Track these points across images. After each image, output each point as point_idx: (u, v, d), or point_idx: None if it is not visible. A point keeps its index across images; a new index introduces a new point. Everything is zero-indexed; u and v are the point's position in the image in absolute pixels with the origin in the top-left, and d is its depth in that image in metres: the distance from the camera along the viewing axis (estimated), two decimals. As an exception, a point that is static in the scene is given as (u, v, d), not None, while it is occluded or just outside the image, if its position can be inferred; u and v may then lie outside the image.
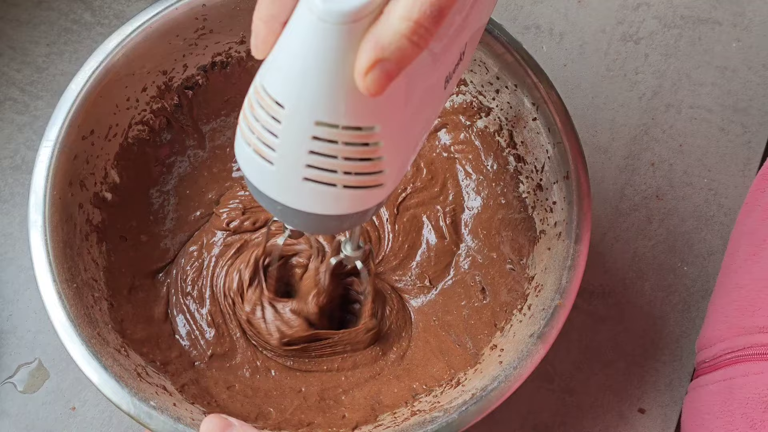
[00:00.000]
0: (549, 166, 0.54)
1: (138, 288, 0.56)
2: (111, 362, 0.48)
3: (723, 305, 0.56)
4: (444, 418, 0.48)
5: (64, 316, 0.48)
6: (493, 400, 0.48)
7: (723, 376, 0.53)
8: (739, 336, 0.53)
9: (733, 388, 0.52)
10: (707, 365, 0.55)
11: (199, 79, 0.59)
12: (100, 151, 0.55)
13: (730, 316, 0.54)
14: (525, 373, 0.49)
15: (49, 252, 0.49)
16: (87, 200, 0.54)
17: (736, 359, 0.52)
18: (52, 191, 0.50)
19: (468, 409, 0.48)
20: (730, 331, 0.54)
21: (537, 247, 0.55)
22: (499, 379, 0.49)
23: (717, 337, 0.55)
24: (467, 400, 0.48)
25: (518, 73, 0.55)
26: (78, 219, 0.52)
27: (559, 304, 0.50)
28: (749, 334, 0.52)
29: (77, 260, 0.51)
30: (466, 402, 0.48)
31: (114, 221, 0.56)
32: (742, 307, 0.53)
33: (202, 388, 0.54)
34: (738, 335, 0.53)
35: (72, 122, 0.52)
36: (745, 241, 0.56)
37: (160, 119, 0.58)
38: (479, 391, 0.49)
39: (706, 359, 0.56)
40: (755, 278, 0.53)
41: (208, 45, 0.57)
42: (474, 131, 0.60)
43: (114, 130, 0.55)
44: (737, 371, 0.52)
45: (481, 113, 0.59)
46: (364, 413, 0.54)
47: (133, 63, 0.54)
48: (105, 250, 0.55)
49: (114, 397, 0.47)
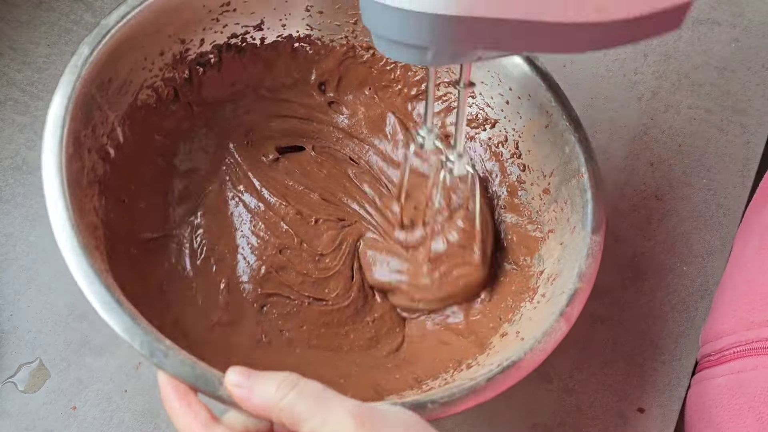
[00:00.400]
0: (560, 170, 0.55)
1: (134, 252, 0.55)
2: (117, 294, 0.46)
3: (732, 298, 0.56)
4: (469, 384, 0.46)
5: (77, 246, 0.45)
6: (522, 369, 0.46)
7: (731, 370, 0.53)
8: (748, 330, 0.53)
9: (742, 382, 0.52)
10: (713, 358, 0.55)
11: (211, 58, 0.59)
12: (113, 103, 0.54)
13: (738, 309, 0.54)
14: (549, 347, 0.47)
15: (63, 181, 0.47)
16: (95, 148, 0.53)
17: (745, 353, 0.52)
18: (71, 123, 0.49)
19: (495, 377, 0.46)
20: (738, 325, 0.54)
21: (544, 246, 0.55)
22: (525, 350, 0.47)
23: (725, 330, 0.55)
24: (493, 369, 0.47)
25: (528, 83, 0.55)
26: (86, 162, 0.51)
27: (579, 287, 0.50)
28: (758, 328, 0.52)
29: (84, 200, 0.50)
30: (492, 370, 0.46)
31: (114, 178, 0.55)
32: (752, 301, 0.53)
33: (197, 357, 0.53)
34: (747, 329, 0.53)
35: (95, 63, 0.51)
36: (755, 235, 0.56)
37: (169, 90, 0.58)
38: (505, 360, 0.47)
39: (711, 352, 0.56)
40: (765, 272, 0.53)
41: (227, 24, 0.58)
42: (477, 142, 0.60)
43: (127, 86, 0.55)
44: (746, 365, 0.52)
45: (486, 125, 0.59)
46: (369, 394, 0.53)
47: (160, 19, 0.54)
48: (104, 206, 0.53)
49: (126, 334, 0.44)
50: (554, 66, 0.68)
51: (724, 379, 0.53)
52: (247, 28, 0.59)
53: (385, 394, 0.53)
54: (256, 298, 0.57)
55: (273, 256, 0.58)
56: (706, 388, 0.55)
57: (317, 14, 0.59)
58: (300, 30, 0.60)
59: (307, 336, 0.57)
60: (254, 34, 0.60)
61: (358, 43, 0.61)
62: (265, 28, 0.60)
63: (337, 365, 0.56)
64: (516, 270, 0.57)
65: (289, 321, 0.57)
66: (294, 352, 0.56)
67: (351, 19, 0.60)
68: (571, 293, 0.49)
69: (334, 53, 0.61)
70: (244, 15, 0.58)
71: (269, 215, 0.59)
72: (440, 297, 0.57)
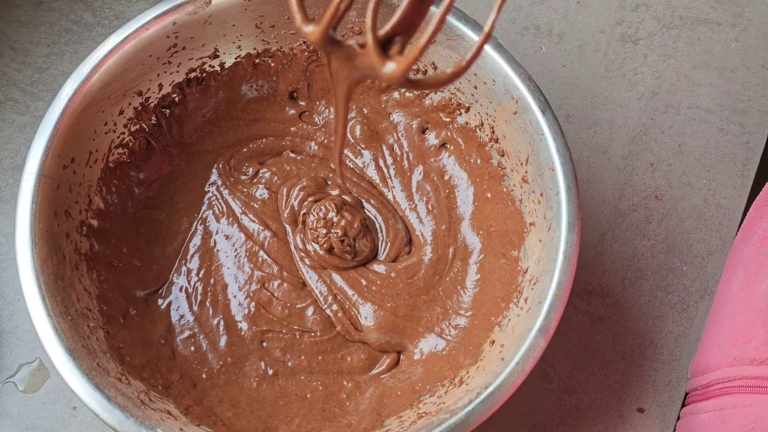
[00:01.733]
0: (533, 159, 0.54)
1: (133, 313, 0.57)
2: (114, 392, 0.48)
3: (717, 333, 0.56)
4: (452, 419, 0.48)
5: (63, 351, 0.48)
6: (499, 397, 0.48)
7: (714, 407, 0.53)
8: (731, 366, 0.53)
9: (724, 419, 0.52)
10: (699, 393, 0.55)
11: (175, 97, 0.59)
12: (82, 179, 0.55)
13: (723, 345, 0.54)
14: (528, 367, 0.49)
15: (41, 286, 0.49)
16: (73, 229, 0.54)
17: (727, 390, 0.52)
18: (38, 224, 0.50)
19: (474, 409, 0.48)
20: (722, 361, 0.54)
21: (528, 239, 0.55)
22: (504, 375, 0.49)
23: (710, 366, 0.55)
24: (473, 398, 0.49)
25: (495, 68, 0.55)
26: (66, 249, 0.52)
27: (555, 296, 0.50)
28: (740, 365, 0.52)
29: (69, 291, 0.51)
30: (471, 401, 0.48)
31: (103, 248, 0.56)
32: (735, 337, 0.53)
33: (206, 408, 0.54)
34: (730, 366, 0.53)
35: (52, 152, 0.52)
36: (741, 268, 0.56)
37: (140, 140, 0.59)
38: (483, 388, 0.49)
39: (698, 387, 0.56)
40: (749, 308, 0.53)
41: (181, 62, 0.58)
42: (455, 127, 0.60)
43: (94, 156, 0.55)
44: (727, 402, 0.52)
45: (461, 109, 0.59)
46: (371, 419, 0.54)
47: (107, 87, 0.54)
48: (96, 279, 0.55)
49: (120, 427, 0.47)
50: (554, 66, 0.68)
51: (707, 416, 0.53)
52: (203, 59, 0.59)
53: (385, 417, 0.54)
54: (253, 335, 0.58)
55: (258, 292, 0.59)
56: (692, 422, 0.55)
57: (269, 28, 0.59)
58: (257, 47, 0.60)
59: (307, 363, 0.57)
60: (212, 62, 0.59)
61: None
62: (221, 53, 0.59)
63: (342, 386, 0.57)
64: (506, 265, 0.57)
65: (288, 352, 0.57)
66: (299, 378, 0.57)
67: None
68: (548, 304, 0.50)
69: (296, 60, 0.61)
70: (195, 50, 0.58)
71: (249, 245, 0.59)
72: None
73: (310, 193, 0.60)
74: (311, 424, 0.54)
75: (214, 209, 0.60)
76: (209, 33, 0.57)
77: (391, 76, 0.36)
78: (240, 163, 0.62)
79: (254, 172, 0.62)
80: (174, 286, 0.58)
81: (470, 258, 0.59)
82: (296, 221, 0.60)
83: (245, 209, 0.60)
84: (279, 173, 0.62)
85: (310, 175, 0.62)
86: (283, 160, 0.62)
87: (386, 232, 0.60)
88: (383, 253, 0.60)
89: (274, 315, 0.58)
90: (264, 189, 0.61)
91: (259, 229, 0.60)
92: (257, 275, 0.59)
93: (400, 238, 0.60)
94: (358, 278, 0.59)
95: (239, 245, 0.60)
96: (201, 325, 0.57)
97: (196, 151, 0.61)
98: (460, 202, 0.61)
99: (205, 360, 0.56)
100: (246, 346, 0.57)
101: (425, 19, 0.38)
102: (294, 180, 0.61)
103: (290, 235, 0.60)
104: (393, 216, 0.61)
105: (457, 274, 0.59)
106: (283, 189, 0.61)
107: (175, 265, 0.59)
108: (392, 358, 0.58)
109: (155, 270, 0.59)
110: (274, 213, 0.61)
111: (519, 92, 0.54)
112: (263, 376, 0.56)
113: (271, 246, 0.59)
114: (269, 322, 0.58)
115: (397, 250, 0.60)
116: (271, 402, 0.56)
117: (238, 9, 0.57)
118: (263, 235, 0.60)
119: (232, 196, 0.61)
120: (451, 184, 0.61)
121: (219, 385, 0.56)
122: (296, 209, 0.60)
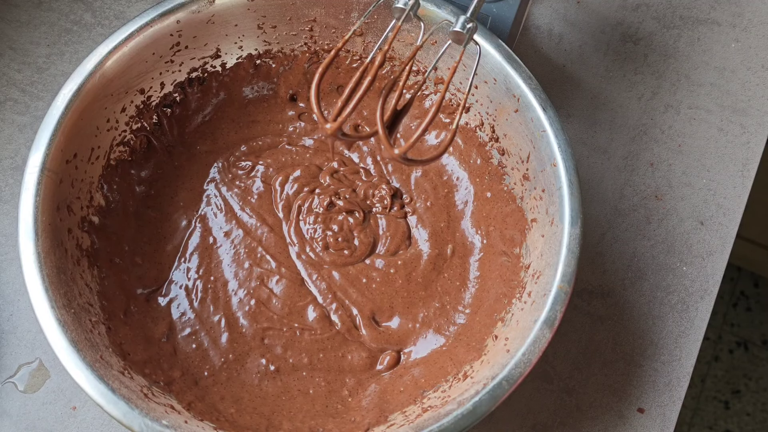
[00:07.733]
0: (534, 156, 0.54)
1: (134, 310, 0.57)
2: (117, 384, 0.48)
3: None
4: (459, 410, 0.48)
5: (66, 342, 0.48)
6: (507, 388, 0.48)
7: None
8: None
9: None
10: None
11: (177, 97, 0.59)
12: (84, 175, 0.55)
13: None
14: (534, 358, 0.49)
15: (44, 278, 0.49)
16: (75, 225, 0.54)
17: None
18: (41, 217, 0.50)
19: (482, 399, 0.48)
20: None
21: (530, 236, 0.55)
22: (510, 366, 0.48)
23: None
24: (480, 390, 0.48)
25: (495, 67, 0.55)
26: (68, 244, 0.53)
27: (560, 288, 0.50)
28: None
29: (71, 285, 0.51)
30: (479, 392, 0.48)
31: (104, 245, 0.56)
32: None
33: (209, 404, 0.54)
34: None
35: (55, 146, 0.52)
36: None
37: (141, 139, 0.59)
38: (490, 380, 0.48)
39: None
40: None
41: (184, 61, 0.58)
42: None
43: (96, 152, 0.56)
44: None
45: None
46: (374, 415, 0.54)
47: (110, 84, 0.55)
48: (97, 275, 0.55)
49: (125, 419, 0.47)
50: (553, 67, 0.68)
51: None
52: (204, 59, 0.59)
53: (389, 412, 0.53)
54: (254, 332, 0.58)
55: (258, 288, 0.58)
56: None
57: (271, 29, 0.59)
58: (258, 48, 0.60)
59: (308, 361, 0.57)
60: (213, 63, 0.59)
61: (319, 47, 0.61)
62: (223, 53, 0.60)
63: (344, 383, 0.57)
64: (508, 262, 0.57)
65: (289, 349, 0.57)
66: (300, 375, 0.57)
67: (306, 26, 0.59)
68: (552, 296, 0.50)
69: (297, 61, 0.61)
70: (198, 49, 0.58)
71: (248, 241, 0.59)
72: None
73: (304, 183, 0.61)
74: (315, 420, 0.54)
75: (213, 206, 0.61)
76: (212, 32, 0.57)
77: (393, 157, 0.48)
78: (238, 159, 0.62)
79: (251, 166, 0.62)
80: (174, 284, 0.59)
81: (470, 256, 0.59)
82: (290, 213, 0.60)
83: (243, 204, 0.60)
84: (274, 164, 0.62)
85: (304, 164, 0.62)
86: (278, 151, 0.62)
87: (387, 224, 0.60)
88: (383, 246, 0.60)
89: (274, 312, 0.58)
90: (260, 182, 0.61)
91: (256, 225, 0.60)
92: (256, 272, 0.59)
93: (401, 231, 0.60)
94: (358, 275, 0.59)
95: (238, 242, 0.60)
96: (202, 322, 0.57)
97: (196, 151, 0.61)
98: (459, 201, 0.61)
99: (206, 357, 0.56)
100: (247, 343, 0.57)
101: (402, 122, 0.50)
102: (288, 170, 0.61)
103: (285, 227, 0.60)
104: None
105: (457, 271, 0.59)
106: (277, 179, 0.61)
107: (175, 263, 0.59)
108: (392, 357, 0.58)
109: (156, 268, 0.59)
110: (270, 206, 0.61)
111: (520, 90, 0.54)
112: (265, 372, 0.56)
113: (269, 241, 0.60)
114: (270, 320, 0.58)
115: (397, 243, 0.60)
116: (273, 398, 0.55)
117: (241, 9, 0.57)
118: (261, 231, 0.60)
119: (230, 192, 0.61)
120: (451, 184, 0.61)
121: (221, 382, 0.56)
122: (291, 200, 0.60)
